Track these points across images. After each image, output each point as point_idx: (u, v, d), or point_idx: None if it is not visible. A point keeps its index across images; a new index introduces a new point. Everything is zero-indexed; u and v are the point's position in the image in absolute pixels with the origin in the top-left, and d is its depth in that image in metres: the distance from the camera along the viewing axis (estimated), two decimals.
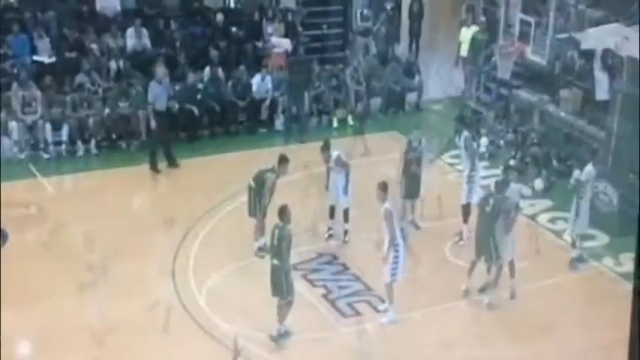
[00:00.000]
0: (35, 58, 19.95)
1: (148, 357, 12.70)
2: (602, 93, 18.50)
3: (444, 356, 12.91)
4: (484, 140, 19.33)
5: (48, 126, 18.89)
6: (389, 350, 12.96)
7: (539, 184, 18.12)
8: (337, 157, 15.38)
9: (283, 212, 12.56)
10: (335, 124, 21.22)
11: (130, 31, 20.78)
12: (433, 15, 25.60)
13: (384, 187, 13.38)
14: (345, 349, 12.95)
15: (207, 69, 20.59)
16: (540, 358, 12.93)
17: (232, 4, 22.86)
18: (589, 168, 15.13)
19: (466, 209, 15.54)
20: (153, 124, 18.31)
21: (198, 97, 20.02)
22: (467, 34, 22.61)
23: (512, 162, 17.94)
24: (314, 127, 20.92)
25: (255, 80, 20.70)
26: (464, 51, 22.63)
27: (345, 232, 15.60)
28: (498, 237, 13.49)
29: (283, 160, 14.86)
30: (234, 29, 21.73)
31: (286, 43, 21.58)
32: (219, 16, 21.71)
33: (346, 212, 15.57)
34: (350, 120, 21.35)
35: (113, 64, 20.41)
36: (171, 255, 15.01)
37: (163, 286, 14.16)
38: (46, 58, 20.04)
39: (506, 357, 12.99)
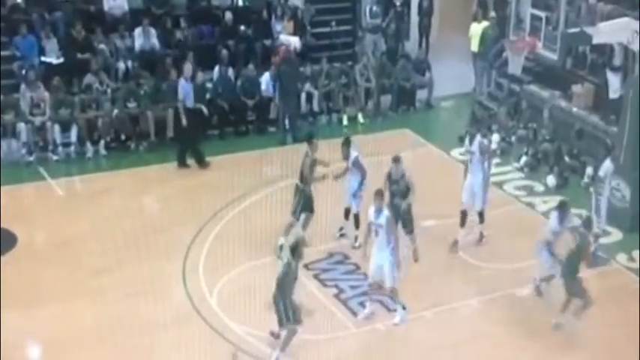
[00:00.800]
0: (43, 59, 19.88)
1: (158, 358, 12.63)
2: (613, 92, 18.35)
3: (455, 355, 12.81)
4: (495, 137, 19.17)
5: (56, 127, 18.83)
6: (400, 349, 12.88)
7: (551, 180, 17.99)
8: (355, 158, 15.04)
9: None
10: (345, 121, 21.11)
11: (138, 30, 20.71)
12: (443, 10, 25.46)
13: (381, 194, 13.29)
14: (357, 349, 12.88)
15: (217, 68, 20.52)
16: (552, 355, 12.81)
17: (240, 3, 22.75)
18: (607, 163, 14.99)
19: (481, 214, 15.40)
20: (184, 121, 18.33)
21: (208, 96, 19.92)
22: (477, 29, 22.46)
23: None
24: (324, 125, 20.85)
25: (264, 79, 20.61)
26: (474, 46, 22.48)
27: (356, 238, 15.30)
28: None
29: (311, 138, 15.01)
30: (242, 28, 21.63)
31: (295, 41, 21.47)
32: (228, 15, 21.61)
33: (356, 217, 15.29)
34: (360, 118, 21.25)
35: (121, 65, 20.37)
36: (181, 256, 14.96)
37: (174, 287, 14.12)
38: (54, 59, 19.97)
39: (518, 355, 12.88)
